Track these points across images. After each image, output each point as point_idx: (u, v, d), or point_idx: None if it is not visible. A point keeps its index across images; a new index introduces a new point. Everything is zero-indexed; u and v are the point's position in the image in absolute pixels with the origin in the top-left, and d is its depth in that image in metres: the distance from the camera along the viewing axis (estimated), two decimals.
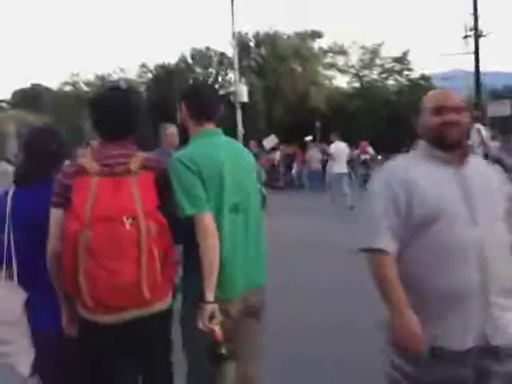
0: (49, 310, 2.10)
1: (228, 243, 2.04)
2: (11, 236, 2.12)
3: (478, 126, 9.48)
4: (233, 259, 2.05)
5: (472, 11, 22.55)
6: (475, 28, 22.78)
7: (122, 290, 1.79)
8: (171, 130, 5.09)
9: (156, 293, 1.85)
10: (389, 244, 1.93)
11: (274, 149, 18.09)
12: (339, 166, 11.58)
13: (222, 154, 2.14)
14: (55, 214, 1.98)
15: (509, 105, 23.43)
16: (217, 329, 1.97)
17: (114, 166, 1.95)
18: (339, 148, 11.94)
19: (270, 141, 17.26)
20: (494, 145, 17.02)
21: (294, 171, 17.90)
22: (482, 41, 22.88)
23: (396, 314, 1.91)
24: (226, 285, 2.04)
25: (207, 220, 1.97)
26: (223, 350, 1.97)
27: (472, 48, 23.01)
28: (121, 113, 2.04)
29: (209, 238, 1.96)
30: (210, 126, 2.26)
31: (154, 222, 1.84)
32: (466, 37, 24.04)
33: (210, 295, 1.95)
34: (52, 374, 2.14)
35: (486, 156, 9.10)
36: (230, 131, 21.10)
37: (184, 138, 2.42)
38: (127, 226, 1.79)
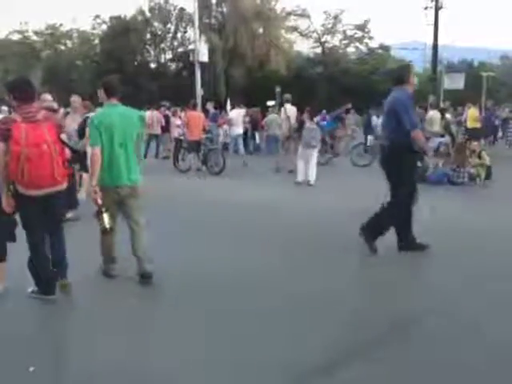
0: None
1: (116, 161, 4.19)
2: None
3: (287, 105, 12.03)
4: (117, 168, 4.19)
5: None
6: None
7: (44, 177, 3.74)
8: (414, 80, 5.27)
9: (60, 180, 3.86)
10: None
11: (233, 108, 17.62)
12: (238, 129, 14.30)
13: (114, 116, 4.20)
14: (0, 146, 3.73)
15: (463, 78, 24.01)
16: (98, 199, 4.10)
17: (29, 117, 3.74)
18: (237, 113, 14.52)
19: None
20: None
21: (257, 137, 17.25)
22: (441, 14, 23.08)
23: None
24: (113, 178, 4.21)
25: (96, 150, 4.14)
26: (102, 209, 4.11)
27: (431, 21, 23.22)
28: (28, 90, 3.86)
29: (93, 156, 4.15)
30: (113, 101, 4.29)
31: (57, 146, 3.81)
32: (426, 8, 24.24)
33: (93, 182, 4.13)
34: None
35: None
36: (190, 91, 20.70)
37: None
38: (45, 148, 3.70)
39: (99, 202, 4.08)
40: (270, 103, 20.11)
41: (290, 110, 11.93)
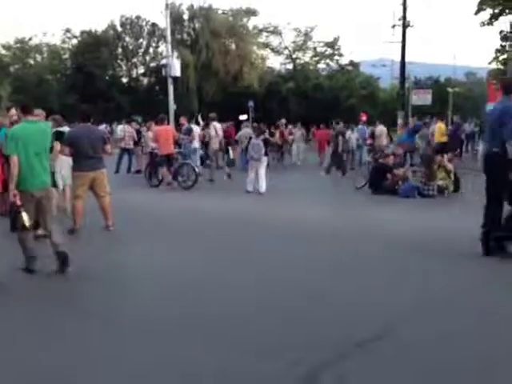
0: None
1: (32, 168, 4.75)
2: None
3: (214, 123, 14.00)
4: (32, 174, 4.75)
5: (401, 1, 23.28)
6: (403, 17, 23.47)
7: None
8: None
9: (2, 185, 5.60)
10: None
11: (207, 124, 17.69)
12: (194, 142, 14.59)
13: (30, 129, 4.86)
14: None
15: (431, 94, 24.69)
16: (17, 201, 4.58)
17: None
18: (195, 130, 15.07)
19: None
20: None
21: (231, 152, 17.24)
22: (408, 32, 23.74)
23: None
24: (30, 183, 4.74)
25: (14, 159, 4.69)
26: (20, 209, 4.59)
27: (399, 38, 23.81)
28: None
29: (12, 164, 4.70)
30: (29, 118, 5.01)
31: None
32: (394, 26, 24.82)
33: (12, 186, 4.66)
34: None
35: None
36: (162, 106, 20.61)
37: None
38: None
39: (18, 203, 4.59)
40: (243, 117, 20.27)
41: (216, 126, 14.06)
